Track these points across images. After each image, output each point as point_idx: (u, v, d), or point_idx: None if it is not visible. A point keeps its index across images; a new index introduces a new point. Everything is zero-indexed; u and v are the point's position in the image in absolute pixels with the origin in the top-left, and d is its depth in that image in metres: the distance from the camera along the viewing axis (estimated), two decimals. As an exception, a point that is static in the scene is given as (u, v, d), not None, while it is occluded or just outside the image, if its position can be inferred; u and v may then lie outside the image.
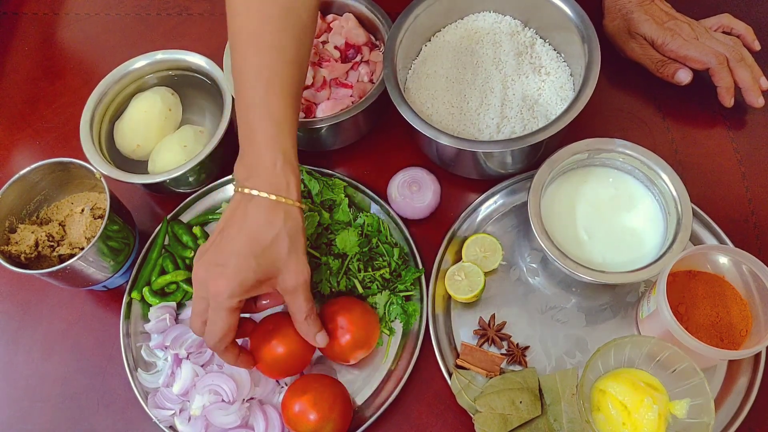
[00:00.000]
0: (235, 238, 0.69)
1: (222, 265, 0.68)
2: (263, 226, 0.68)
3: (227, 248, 0.69)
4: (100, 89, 0.95)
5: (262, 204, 0.69)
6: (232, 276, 0.67)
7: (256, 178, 0.70)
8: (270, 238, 0.68)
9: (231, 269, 0.67)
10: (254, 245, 0.68)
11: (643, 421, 0.72)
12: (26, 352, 0.90)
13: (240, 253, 0.68)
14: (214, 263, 0.68)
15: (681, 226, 0.78)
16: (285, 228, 0.69)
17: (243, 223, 0.69)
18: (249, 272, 0.68)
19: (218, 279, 0.68)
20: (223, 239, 0.69)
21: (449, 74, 0.92)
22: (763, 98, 0.91)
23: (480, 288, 0.84)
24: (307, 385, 0.78)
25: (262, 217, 0.69)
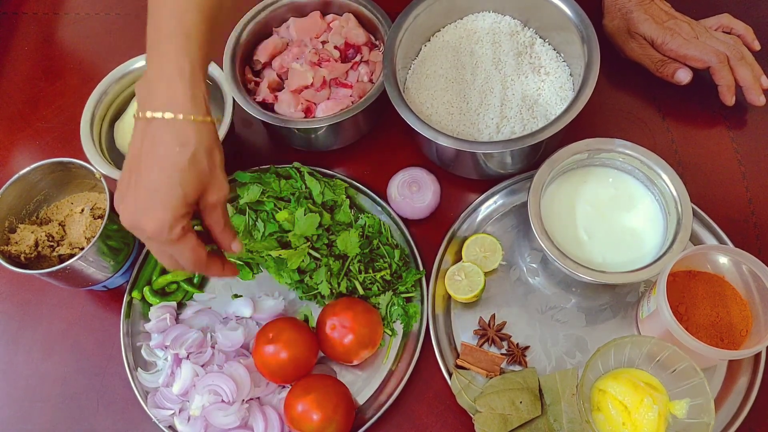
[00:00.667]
0: (152, 171, 0.64)
1: (148, 207, 0.64)
2: (177, 152, 0.64)
3: (147, 186, 0.64)
4: (100, 89, 0.95)
5: (170, 127, 0.64)
6: (162, 213, 0.64)
7: (160, 97, 0.65)
8: (186, 161, 0.64)
9: (158, 207, 0.64)
10: (173, 174, 0.64)
11: (643, 421, 0.72)
12: (26, 352, 0.90)
13: (161, 188, 0.64)
14: (140, 207, 0.65)
15: (681, 226, 0.78)
16: (200, 147, 0.65)
17: (154, 154, 0.64)
18: (177, 201, 0.64)
19: (150, 221, 0.64)
20: (139, 177, 0.65)
21: (449, 74, 0.92)
22: (764, 97, 0.91)
23: (480, 288, 0.84)
24: (310, 385, 0.78)
25: (173, 141, 0.64)
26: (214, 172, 0.67)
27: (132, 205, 0.65)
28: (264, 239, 0.86)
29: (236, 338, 0.83)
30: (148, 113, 0.64)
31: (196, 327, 0.86)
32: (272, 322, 0.82)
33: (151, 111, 0.64)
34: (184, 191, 0.64)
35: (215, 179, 0.67)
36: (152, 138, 0.64)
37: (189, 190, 0.65)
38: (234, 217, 0.89)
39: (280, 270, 0.87)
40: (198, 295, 0.90)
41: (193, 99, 0.65)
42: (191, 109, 0.65)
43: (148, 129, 0.65)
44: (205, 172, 0.66)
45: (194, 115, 0.65)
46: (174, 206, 0.64)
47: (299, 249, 0.85)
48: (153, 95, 0.65)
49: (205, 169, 0.66)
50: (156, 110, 0.64)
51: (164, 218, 0.64)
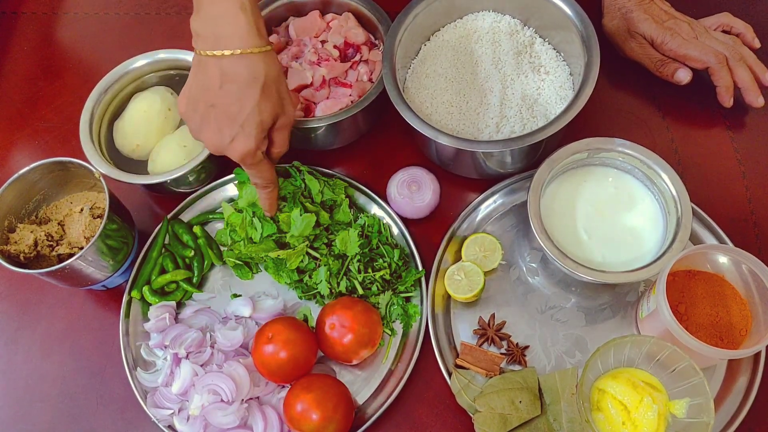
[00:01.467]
0: (231, 105, 0.69)
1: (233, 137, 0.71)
2: (251, 84, 0.69)
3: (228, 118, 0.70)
4: (99, 89, 0.95)
5: (241, 61, 0.68)
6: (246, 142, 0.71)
7: (226, 33, 0.68)
8: (260, 92, 0.69)
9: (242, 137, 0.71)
10: (251, 105, 0.69)
11: (642, 421, 0.72)
12: (25, 351, 0.90)
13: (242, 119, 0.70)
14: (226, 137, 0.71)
15: (681, 225, 0.78)
16: (270, 76, 0.70)
17: (229, 88, 0.69)
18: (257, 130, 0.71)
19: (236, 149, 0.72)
20: (217, 110, 0.70)
21: (448, 74, 0.92)
22: (762, 98, 0.91)
23: (480, 287, 0.84)
24: (310, 384, 0.78)
25: (245, 74, 0.69)
26: (283, 97, 0.72)
27: (216, 136, 0.72)
28: (262, 241, 0.86)
29: (235, 338, 0.83)
30: (217, 51, 0.67)
31: (196, 326, 0.86)
32: (271, 321, 0.82)
33: (219, 48, 0.68)
34: (262, 119, 0.71)
35: (285, 104, 0.73)
36: (223, 74, 0.68)
37: (266, 118, 0.71)
38: (232, 215, 0.89)
39: (280, 270, 0.87)
40: (197, 294, 0.90)
41: (258, 31, 0.69)
42: (257, 41, 0.68)
43: (217, 65, 0.68)
44: (276, 99, 0.71)
45: (260, 47, 0.68)
46: (255, 134, 0.71)
47: (298, 249, 0.85)
48: (218, 32, 0.68)
49: (276, 96, 0.71)
50: (224, 47, 0.68)
51: (249, 145, 0.71)
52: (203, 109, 0.71)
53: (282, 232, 0.87)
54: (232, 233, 0.89)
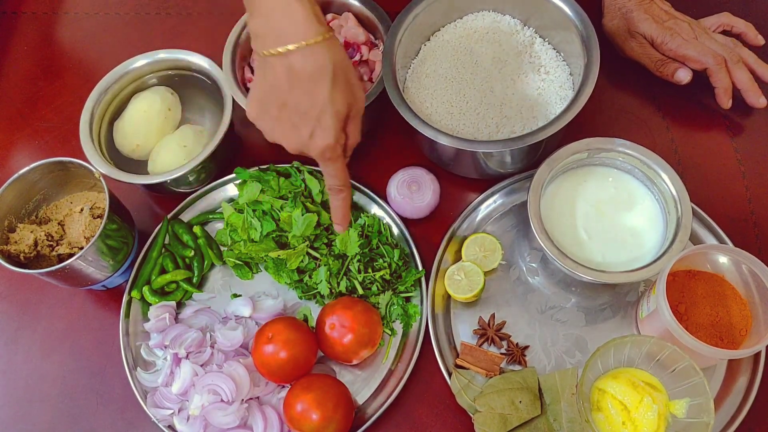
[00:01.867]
0: (302, 100, 0.67)
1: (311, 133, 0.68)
2: (319, 76, 0.66)
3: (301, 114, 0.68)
4: (99, 89, 0.95)
5: (305, 54, 0.65)
6: (325, 136, 0.68)
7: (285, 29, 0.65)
8: (330, 82, 0.67)
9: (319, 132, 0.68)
10: (323, 98, 0.67)
11: (642, 421, 0.72)
12: (25, 351, 0.90)
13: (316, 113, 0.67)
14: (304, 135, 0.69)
15: (681, 225, 0.78)
16: (337, 64, 0.67)
17: (298, 85, 0.67)
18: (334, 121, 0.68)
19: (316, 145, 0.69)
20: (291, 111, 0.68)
21: (448, 74, 0.92)
22: (764, 98, 0.91)
23: (480, 287, 0.84)
24: (310, 384, 0.78)
25: (312, 67, 0.66)
26: (353, 83, 0.70)
27: (294, 135, 0.69)
28: (262, 240, 0.86)
29: (235, 338, 0.83)
30: (280, 48, 0.65)
31: (196, 326, 0.86)
32: (271, 321, 0.82)
33: (282, 45, 0.65)
34: (337, 109, 0.68)
35: (356, 91, 0.70)
36: (290, 71, 0.66)
37: (340, 107, 0.68)
38: (232, 215, 0.89)
39: (280, 270, 0.87)
40: (197, 294, 0.90)
41: (317, 19, 0.66)
42: (318, 31, 0.66)
43: (282, 62, 0.66)
44: (347, 87, 0.68)
45: (322, 35, 0.66)
46: (333, 126, 0.68)
47: (298, 249, 0.85)
48: (276, 24, 0.65)
49: (346, 83, 0.68)
50: (286, 43, 0.65)
51: (328, 138, 0.68)
52: (275, 111, 0.69)
53: (282, 232, 0.87)
54: (232, 233, 0.89)
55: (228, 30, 0.95)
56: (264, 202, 0.87)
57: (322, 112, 0.67)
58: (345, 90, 0.68)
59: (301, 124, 0.68)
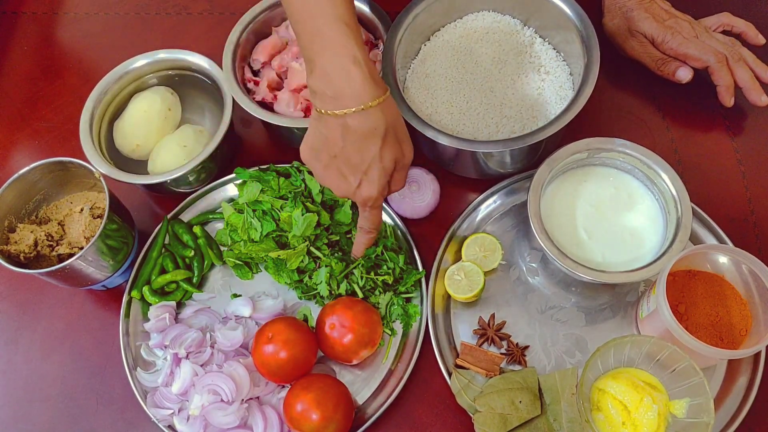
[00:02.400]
0: (353, 158, 0.72)
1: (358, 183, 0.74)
2: (371, 137, 0.70)
3: (352, 168, 0.73)
4: (99, 89, 0.95)
5: (361, 117, 0.69)
6: (371, 189, 0.74)
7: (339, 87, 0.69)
8: (381, 142, 0.71)
9: (367, 184, 0.73)
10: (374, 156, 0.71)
11: (642, 421, 0.72)
12: (25, 351, 0.90)
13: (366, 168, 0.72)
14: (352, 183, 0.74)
15: (681, 225, 0.78)
16: (389, 126, 0.71)
17: (351, 143, 0.71)
18: (381, 177, 0.73)
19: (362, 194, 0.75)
20: (341, 162, 0.73)
21: (448, 74, 0.92)
22: (766, 96, 0.90)
23: (480, 287, 0.84)
24: (310, 384, 0.78)
25: (367, 129, 0.70)
26: (402, 140, 0.74)
27: (343, 183, 0.75)
28: (262, 240, 0.86)
29: (235, 338, 0.83)
30: (338, 111, 0.69)
31: (196, 326, 0.86)
32: (271, 321, 0.82)
33: (339, 108, 0.69)
34: (384, 165, 0.73)
35: (404, 147, 0.75)
36: (344, 129, 0.70)
37: (387, 164, 0.73)
38: (232, 215, 0.89)
39: (280, 270, 0.87)
40: (197, 294, 0.90)
41: (374, 82, 0.69)
42: (374, 95, 0.69)
43: (339, 122, 0.70)
44: (395, 145, 0.73)
45: (377, 98, 0.69)
46: (378, 180, 0.74)
47: (298, 249, 0.85)
48: (335, 90, 0.69)
49: (395, 141, 0.73)
50: (343, 107, 0.69)
51: (373, 191, 0.74)
52: (326, 159, 0.74)
53: (282, 232, 0.87)
54: (232, 233, 0.89)
55: (228, 30, 0.95)
56: (264, 202, 0.87)
57: (371, 167, 0.72)
58: (393, 147, 0.73)
59: (349, 174, 0.73)
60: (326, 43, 0.69)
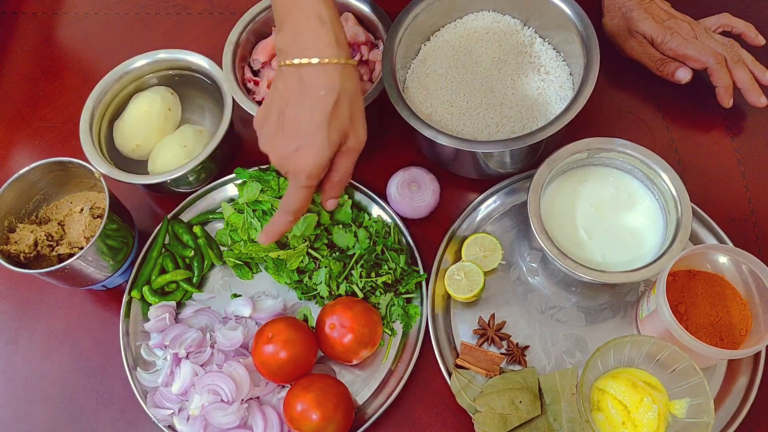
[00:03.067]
0: (300, 115, 0.68)
1: (297, 148, 0.68)
2: (324, 95, 0.67)
3: (296, 129, 0.68)
4: (99, 89, 0.95)
5: (318, 71, 0.67)
6: (310, 156, 0.68)
7: (306, 43, 0.67)
8: (332, 105, 0.67)
9: (307, 151, 0.68)
10: (321, 118, 0.67)
11: (642, 421, 0.72)
12: (25, 351, 0.90)
13: (310, 132, 0.68)
14: (290, 149, 0.69)
15: (681, 225, 0.78)
16: (344, 91, 0.68)
17: (302, 98, 0.68)
18: (324, 145, 0.68)
19: (298, 163, 0.69)
20: (286, 120, 0.69)
21: (448, 73, 0.92)
22: (765, 97, 0.91)
23: (480, 287, 0.84)
24: (310, 384, 0.78)
25: (320, 85, 0.67)
26: (356, 117, 0.70)
27: (282, 145, 0.69)
28: (262, 239, 0.86)
29: (235, 338, 0.83)
30: (296, 60, 0.67)
31: (196, 326, 0.86)
32: (271, 321, 0.82)
33: (298, 57, 0.67)
34: (330, 135, 0.68)
35: (356, 125, 0.70)
36: (299, 82, 0.67)
37: (333, 136, 0.68)
38: (232, 215, 0.89)
39: (280, 270, 0.87)
40: (197, 294, 0.90)
41: (338, 42, 0.68)
42: (336, 52, 0.67)
43: (292, 73, 0.67)
44: (348, 117, 0.69)
45: (338, 58, 0.67)
46: (321, 152, 0.68)
47: (298, 249, 0.85)
48: (298, 41, 0.68)
49: (348, 113, 0.69)
50: (303, 56, 0.67)
51: (311, 159, 0.68)
52: (275, 118, 0.70)
53: (282, 232, 0.87)
54: (232, 233, 0.89)
55: (228, 30, 0.95)
56: (264, 202, 0.87)
57: (316, 130, 0.68)
58: (343, 118, 0.69)
59: (291, 136, 0.69)
60: (295, 2, 0.68)
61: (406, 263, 0.87)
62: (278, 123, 0.69)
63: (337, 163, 0.72)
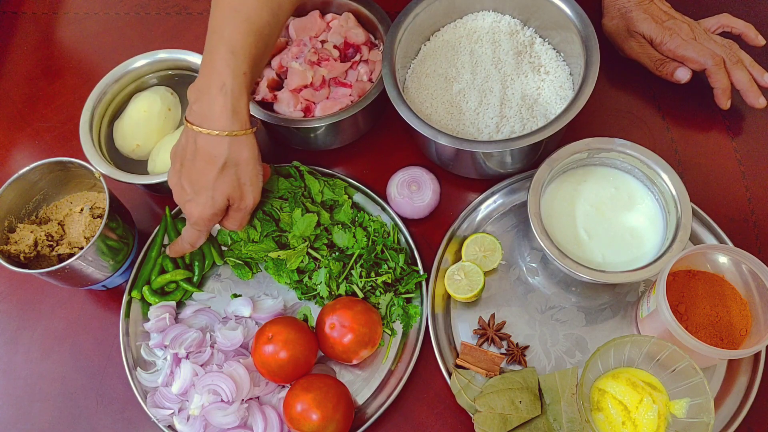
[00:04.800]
0: (193, 173, 0.75)
1: (188, 199, 0.77)
2: (211, 162, 0.74)
3: (191, 182, 0.76)
4: (99, 89, 0.95)
5: (208, 140, 0.73)
6: (199, 210, 0.77)
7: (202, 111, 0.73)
8: (216, 172, 0.74)
9: (197, 205, 0.76)
10: (207, 180, 0.75)
11: (642, 421, 0.72)
12: (25, 351, 0.90)
13: (200, 190, 0.75)
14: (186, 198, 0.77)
15: (681, 225, 0.78)
16: (230, 160, 0.74)
17: (196, 159, 0.74)
18: (207, 207, 0.76)
19: (192, 213, 0.77)
20: (184, 172, 0.76)
21: (448, 74, 0.92)
22: (764, 98, 0.91)
23: (480, 287, 0.84)
24: (310, 384, 0.78)
25: (209, 152, 0.74)
26: (244, 182, 0.77)
27: (179, 193, 0.78)
28: (262, 240, 0.86)
29: (235, 338, 0.83)
30: (195, 127, 0.74)
31: (196, 326, 0.86)
32: (271, 321, 0.82)
33: (196, 124, 0.74)
34: (213, 196, 0.75)
35: (245, 190, 0.77)
36: (195, 145, 0.74)
37: (218, 197, 0.76)
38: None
39: (280, 270, 0.87)
40: (197, 294, 0.90)
41: (233, 114, 0.73)
42: (227, 125, 0.73)
43: (192, 136, 0.75)
44: (234, 182, 0.76)
45: (229, 131, 0.73)
46: (205, 207, 0.76)
47: (298, 249, 0.85)
48: (199, 106, 0.74)
49: (233, 179, 0.76)
50: (200, 123, 0.73)
51: (196, 212, 0.77)
52: (178, 165, 0.77)
53: (282, 232, 0.87)
54: (232, 233, 0.89)
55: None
56: (263, 202, 0.87)
57: (202, 190, 0.75)
58: (230, 182, 0.76)
59: (186, 186, 0.76)
60: (208, 62, 0.74)
61: (405, 263, 0.87)
62: (180, 171, 0.77)
63: (230, 215, 0.80)
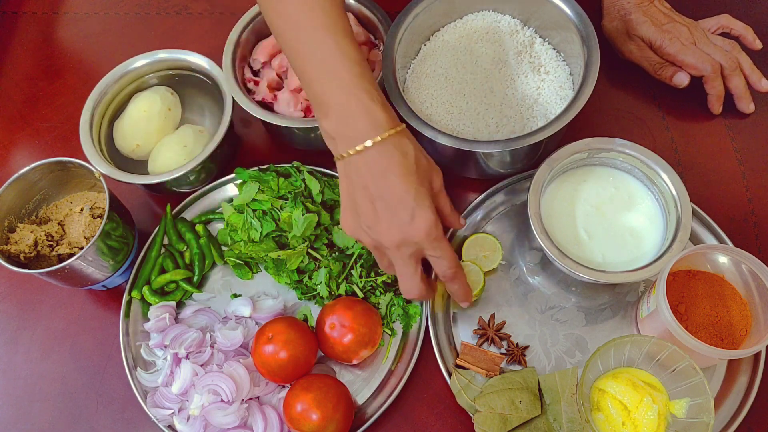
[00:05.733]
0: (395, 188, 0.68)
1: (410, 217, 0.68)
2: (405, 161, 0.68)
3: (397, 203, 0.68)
4: (99, 88, 0.95)
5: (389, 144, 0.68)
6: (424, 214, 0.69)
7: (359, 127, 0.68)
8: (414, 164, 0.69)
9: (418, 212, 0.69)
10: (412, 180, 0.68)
11: (642, 421, 0.72)
12: (25, 351, 0.90)
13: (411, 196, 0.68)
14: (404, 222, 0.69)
15: (681, 225, 0.78)
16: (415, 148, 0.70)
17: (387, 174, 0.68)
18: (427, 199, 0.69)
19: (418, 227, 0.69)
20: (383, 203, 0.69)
21: (448, 74, 0.92)
22: (753, 105, 0.94)
23: (480, 287, 0.84)
24: (310, 384, 0.78)
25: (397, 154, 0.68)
26: (430, 161, 0.73)
27: (395, 224, 0.69)
28: (262, 240, 0.86)
29: (235, 338, 0.83)
30: (367, 143, 0.68)
31: (196, 326, 0.86)
32: (271, 321, 0.82)
33: (360, 143, 0.68)
34: (426, 187, 0.70)
35: (432, 166, 0.73)
36: (377, 162, 0.68)
37: (427, 185, 0.70)
38: (232, 215, 0.89)
39: (280, 270, 0.87)
40: (197, 294, 0.90)
41: (390, 112, 0.70)
42: (394, 122, 0.70)
43: (364, 160, 0.68)
44: (427, 166, 0.72)
45: (397, 126, 0.69)
46: (429, 204, 0.69)
47: (298, 249, 0.85)
48: (354, 127, 0.68)
49: (426, 163, 0.72)
50: (369, 138, 0.68)
51: (429, 216, 0.69)
52: (370, 210, 0.70)
53: (282, 232, 0.87)
54: (233, 233, 0.89)
55: (228, 30, 0.95)
56: (264, 202, 0.87)
57: (417, 193, 0.69)
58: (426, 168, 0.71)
59: (399, 210, 0.69)
60: (340, 84, 0.68)
61: None
62: (377, 211, 0.69)
63: (440, 204, 0.74)
